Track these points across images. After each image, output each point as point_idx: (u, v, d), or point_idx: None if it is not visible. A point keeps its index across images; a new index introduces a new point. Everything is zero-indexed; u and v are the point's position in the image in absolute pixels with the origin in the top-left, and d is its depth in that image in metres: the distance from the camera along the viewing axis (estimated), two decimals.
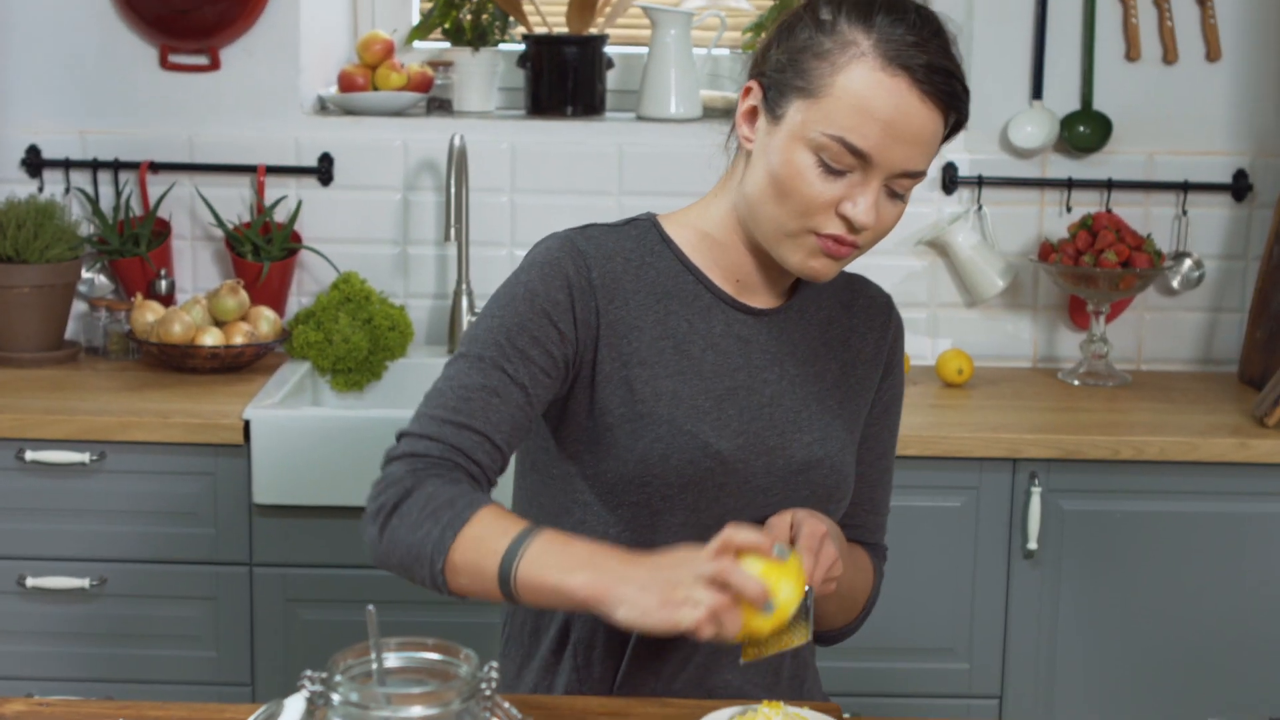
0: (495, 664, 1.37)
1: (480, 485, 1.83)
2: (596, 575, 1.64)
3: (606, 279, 1.91)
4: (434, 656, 1.37)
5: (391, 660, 1.36)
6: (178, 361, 3.34)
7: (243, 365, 3.38)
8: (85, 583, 3.07)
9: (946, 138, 1.87)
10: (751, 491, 1.93)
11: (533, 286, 1.89)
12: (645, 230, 1.99)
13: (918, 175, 1.84)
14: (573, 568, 1.66)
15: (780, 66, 1.85)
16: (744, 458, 1.91)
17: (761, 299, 1.99)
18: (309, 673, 1.31)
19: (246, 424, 3.02)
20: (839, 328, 2.03)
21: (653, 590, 1.60)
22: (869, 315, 2.06)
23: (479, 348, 1.86)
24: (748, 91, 1.90)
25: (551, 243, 1.94)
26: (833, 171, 1.81)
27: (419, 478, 1.78)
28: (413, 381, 3.49)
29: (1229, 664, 3.13)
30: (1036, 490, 3.06)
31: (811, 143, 1.81)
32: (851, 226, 1.82)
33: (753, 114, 1.89)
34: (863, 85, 1.78)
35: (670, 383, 1.91)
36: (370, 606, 1.34)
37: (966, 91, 1.84)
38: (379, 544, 1.78)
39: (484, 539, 1.71)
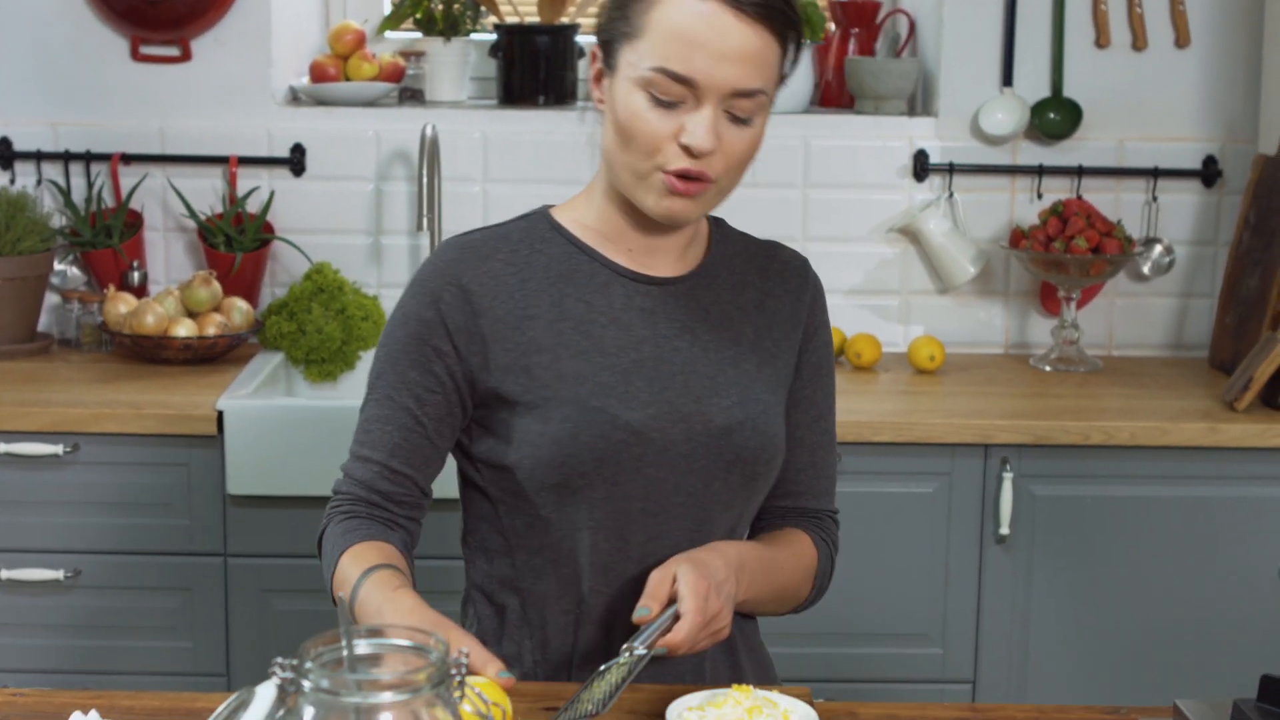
0: (465, 649, 1.37)
1: (381, 510, 1.95)
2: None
3: (484, 279, 1.94)
4: (404, 643, 1.37)
5: (362, 647, 1.36)
6: (151, 353, 3.34)
7: (216, 356, 3.38)
8: (60, 574, 3.07)
9: (789, 60, 1.89)
10: (674, 459, 1.93)
11: (406, 311, 1.96)
12: (535, 221, 2.01)
13: (754, 94, 1.84)
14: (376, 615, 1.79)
15: (610, 20, 1.90)
16: (659, 426, 1.92)
17: (665, 267, 2.00)
18: (280, 659, 1.31)
19: (220, 415, 3.03)
20: (754, 291, 2.04)
21: None
22: (785, 278, 2.06)
23: (373, 380, 1.98)
24: (594, 57, 1.93)
25: (427, 260, 1.99)
26: (664, 104, 1.83)
27: (331, 516, 1.99)
28: None
29: (1199, 647, 3.15)
30: (1008, 476, 3.07)
31: (641, 80, 1.84)
32: (693, 154, 1.83)
33: (600, 76, 1.93)
34: (677, 13, 1.82)
35: (573, 363, 1.92)
36: (341, 594, 1.34)
37: (788, 4, 1.86)
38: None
39: (346, 570, 1.88)
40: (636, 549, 1.94)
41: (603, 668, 1.75)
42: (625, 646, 1.76)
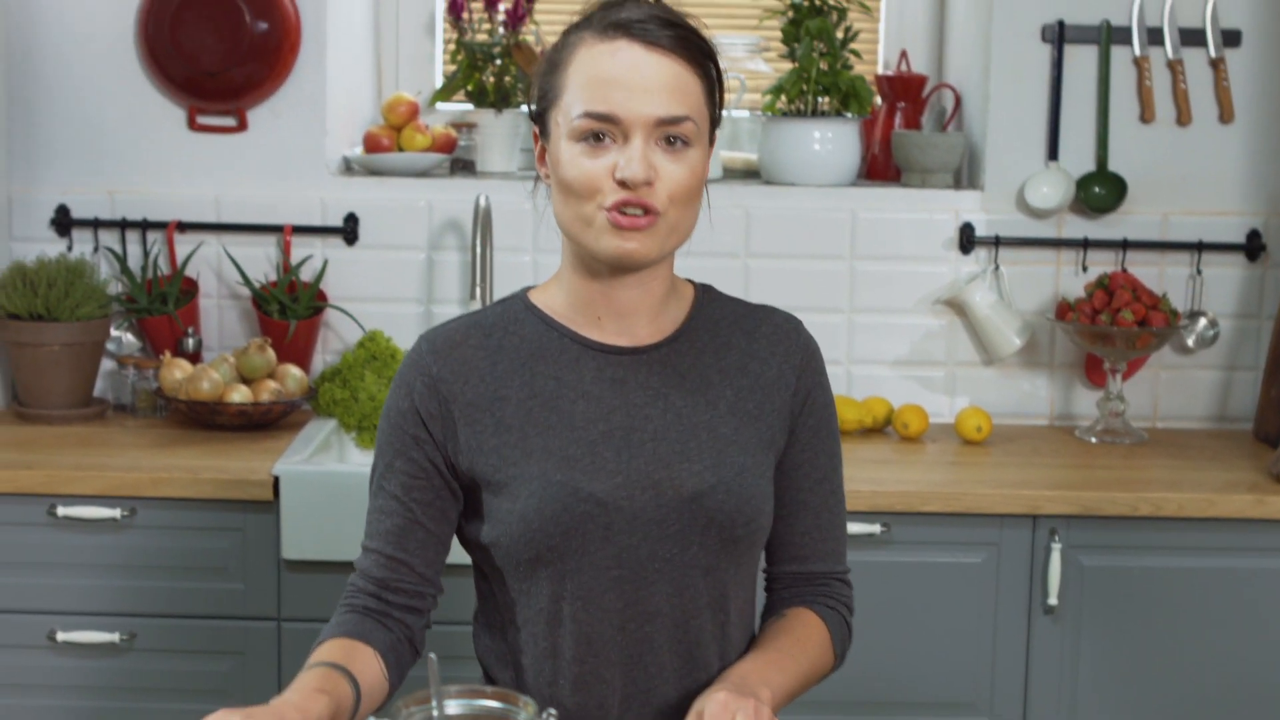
0: (553, 711, 1.39)
1: (379, 602, 1.99)
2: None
3: (454, 365, 1.98)
4: (493, 704, 1.40)
5: (452, 707, 1.39)
6: (206, 418, 3.38)
7: (270, 422, 3.42)
8: (115, 637, 3.09)
9: (712, 84, 1.93)
10: (645, 526, 1.94)
11: (387, 405, 2.03)
12: (511, 303, 2.05)
13: (680, 121, 1.87)
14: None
15: (539, 95, 1.96)
16: (626, 495, 1.94)
17: (639, 334, 2.01)
18: (372, 717, 1.34)
19: (276, 480, 3.06)
20: (737, 353, 2.04)
21: None
22: (773, 340, 2.06)
23: (371, 473, 2.04)
24: (536, 138, 1.99)
25: (405, 355, 2.04)
26: (596, 145, 1.87)
27: (335, 613, 2.01)
28: None
29: (1249, 718, 3.15)
30: (1056, 546, 3.09)
31: (570, 133, 1.88)
32: (629, 186, 1.86)
33: (543, 154, 1.98)
34: (589, 61, 1.88)
35: (540, 440, 1.95)
36: (432, 655, 1.37)
37: (699, 35, 1.91)
38: None
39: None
40: (616, 616, 1.95)
41: None
42: None
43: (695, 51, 1.90)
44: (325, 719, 1.74)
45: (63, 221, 3.63)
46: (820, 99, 3.63)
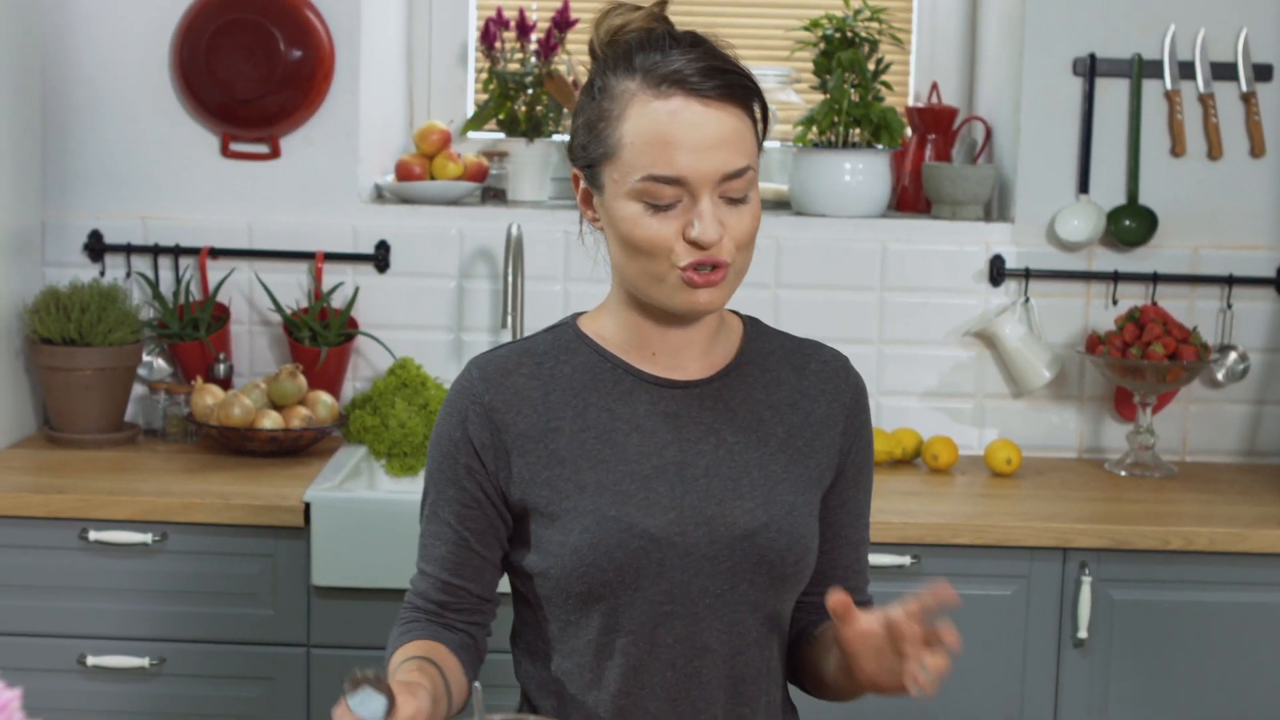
0: None
1: (439, 616, 2.03)
2: None
3: (506, 394, 1.98)
4: None
5: None
6: (237, 444, 3.39)
7: (301, 449, 3.43)
8: (145, 662, 3.10)
9: (761, 125, 1.91)
10: (697, 562, 1.94)
11: (438, 432, 2.02)
12: (561, 331, 2.04)
13: (742, 172, 1.86)
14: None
15: (584, 145, 1.93)
16: (679, 531, 1.93)
17: (691, 368, 2.01)
18: None
19: (307, 506, 3.07)
20: (787, 390, 2.04)
21: None
22: (822, 378, 2.05)
23: (423, 497, 2.06)
24: (576, 180, 1.97)
25: (455, 381, 2.04)
26: (661, 209, 1.85)
27: (396, 624, 2.06)
28: None
29: None
30: (1086, 580, 3.08)
31: (631, 193, 1.85)
32: (703, 246, 1.85)
33: (588, 196, 1.95)
34: (647, 120, 1.85)
35: (593, 473, 1.95)
36: (476, 683, 1.38)
37: (745, 76, 1.88)
38: None
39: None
40: (666, 650, 1.95)
41: None
42: None
43: (743, 94, 1.88)
44: (426, 709, 1.75)
45: (96, 247, 3.65)
46: (851, 130, 3.64)
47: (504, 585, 2.04)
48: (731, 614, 1.96)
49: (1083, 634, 3.10)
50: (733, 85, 1.86)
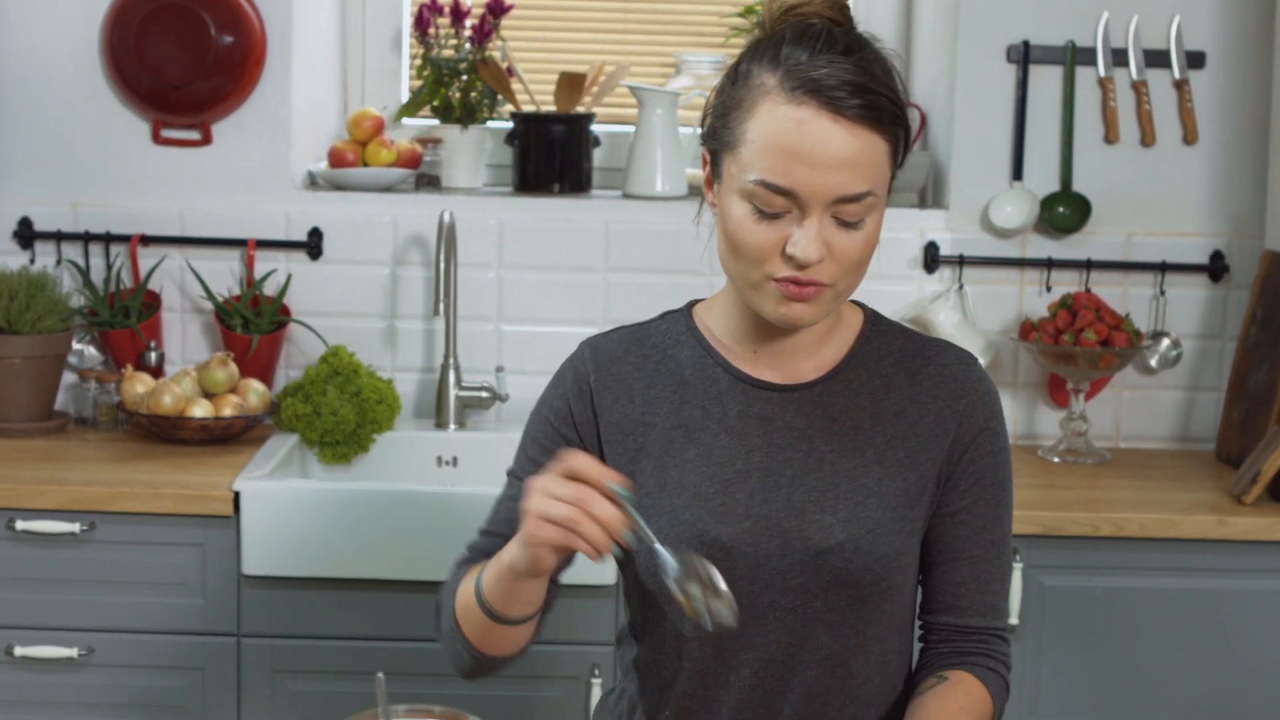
0: None
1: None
2: (514, 544, 1.80)
3: (609, 380, 1.96)
4: None
5: None
6: (167, 433, 3.36)
7: (232, 437, 3.41)
8: (74, 652, 3.07)
9: (898, 144, 1.82)
10: (767, 575, 1.89)
11: (543, 400, 2.01)
12: (675, 321, 2.00)
13: (862, 198, 1.77)
14: (504, 553, 1.83)
15: (713, 130, 1.86)
16: (751, 542, 1.88)
17: (795, 370, 1.95)
18: None
19: (236, 495, 3.04)
20: (896, 397, 1.95)
21: (523, 528, 1.74)
22: (938, 383, 1.96)
23: (512, 464, 2.03)
24: (705, 161, 1.90)
25: (570, 356, 2.02)
26: (768, 216, 1.78)
27: (449, 584, 1.99)
28: (399, 454, 3.51)
29: None
30: (1018, 566, 3.08)
31: (743, 192, 1.78)
32: (799, 265, 1.78)
33: (710, 181, 1.89)
34: (770, 123, 1.76)
35: (676, 473, 1.91)
36: (380, 674, 1.37)
37: (893, 100, 1.78)
38: (442, 649, 1.97)
39: (465, 582, 1.93)
40: (733, 658, 1.92)
41: None
42: None
43: (886, 118, 1.77)
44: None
45: (25, 234, 3.62)
46: None
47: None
48: (802, 629, 1.91)
49: (1014, 620, 3.10)
50: (874, 108, 1.75)
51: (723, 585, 1.72)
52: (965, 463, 1.95)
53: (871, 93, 1.75)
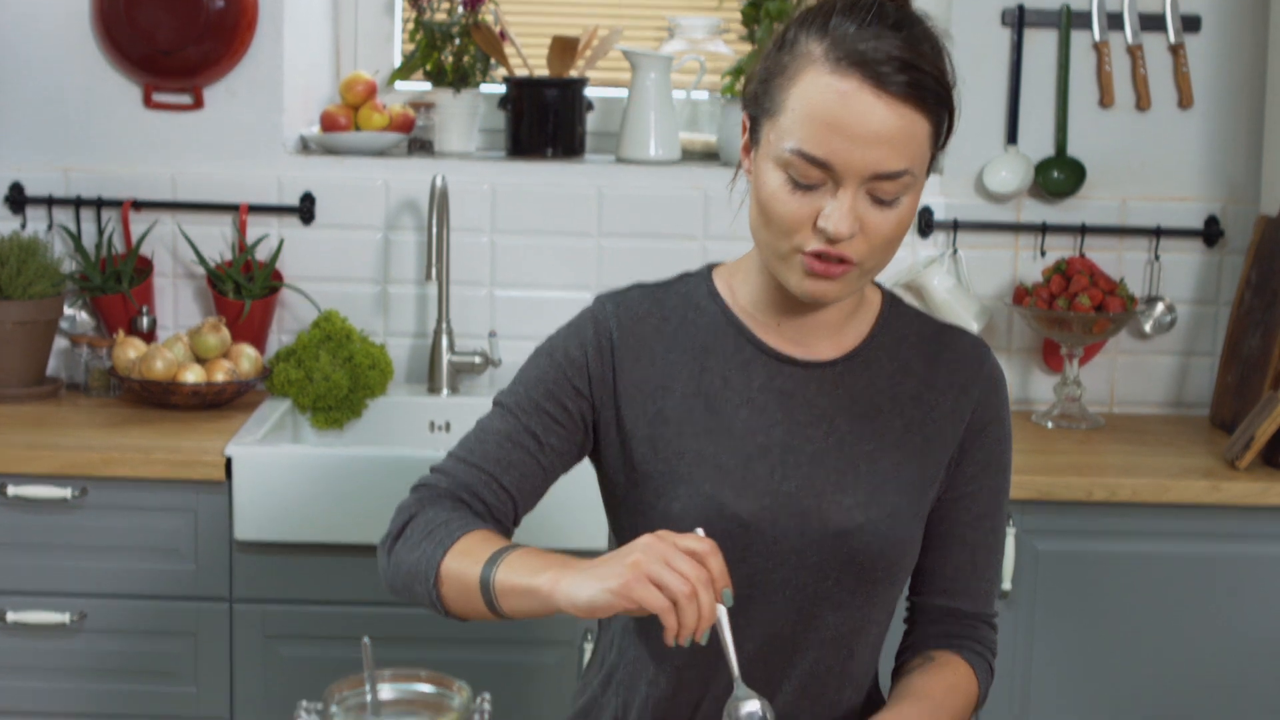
0: (488, 695, 1.38)
1: (483, 520, 1.87)
2: (562, 571, 1.65)
3: (631, 340, 1.92)
4: (427, 688, 1.38)
5: (385, 692, 1.37)
6: (159, 398, 3.35)
7: (224, 402, 3.40)
8: (66, 618, 3.07)
9: (941, 123, 1.79)
10: (783, 553, 1.88)
11: (556, 344, 1.95)
12: (695, 284, 1.97)
13: (899, 176, 1.74)
14: (542, 569, 1.68)
15: (755, 95, 1.83)
16: (770, 519, 1.87)
17: (818, 346, 1.93)
18: (305, 703, 1.32)
19: (228, 461, 3.04)
20: (914, 381, 1.94)
21: (615, 574, 1.60)
22: (953, 370, 1.95)
23: (506, 397, 1.94)
24: (744, 128, 1.87)
25: (590, 305, 1.97)
26: (802, 187, 1.75)
27: (423, 505, 1.86)
28: (392, 419, 3.50)
29: (1201, 703, 3.16)
30: (1011, 531, 3.08)
31: (779, 160, 1.77)
32: (829, 239, 1.76)
33: (748, 148, 1.86)
34: (812, 92, 1.74)
35: (696, 442, 1.89)
36: (365, 639, 1.36)
37: (939, 80, 1.75)
38: (386, 568, 1.85)
39: (470, 552, 1.76)
40: (736, 633, 1.85)
41: None
42: None
43: (930, 98, 1.74)
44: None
45: (16, 199, 3.60)
46: None
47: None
48: (810, 608, 1.90)
49: (1007, 586, 3.09)
50: (919, 86, 1.72)
51: None
52: (974, 450, 1.96)
53: (918, 70, 1.72)
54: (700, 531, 1.67)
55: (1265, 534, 3.12)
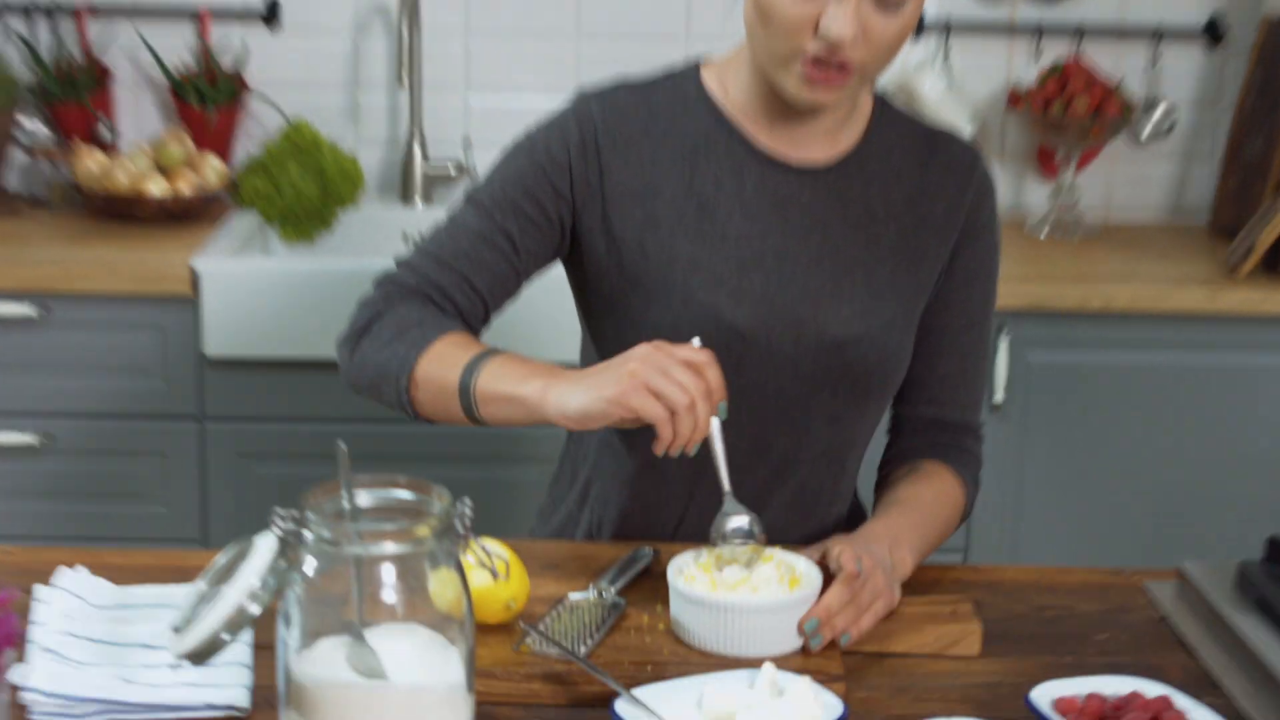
0: (468, 500, 1.31)
1: (453, 322, 1.83)
2: (551, 379, 1.65)
3: (618, 140, 1.85)
4: (406, 494, 1.31)
5: (363, 498, 1.30)
6: (123, 211, 3.24)
7: (190, 215, 3.29)
8: (33, 439, 3.00)
9: None
10: (778, 364, 1.84)
11: (536, 141, 1.87)
12: (682, 82, 1.90)
13: None
14: (528, 376, 1.68)
15: None
16: (766, 328, 1.82)
17: (812, 150, 1.87)
18: (280, 510, 1.25)
19: (195, 274, 2.94)
20: (907, 186, 1.90)
21: (611, 382, 1.60)
22: (945, 175, 1.91)
23: (480, 193, 1.87)
24: None
25: (570, 101, 1.88)
26: None
27: (391, 302, 1.82)
28: (364, 231, 3.41)
29: (1197, 515, 3.13)
30: (1004, 342, 3.01)
31: None
32: (831, 42, 1.70)
33: None
34: None
35: (689, 247, 1.83)
36: (341, 443, 1.28)
37: None
38: (350, 365, 1.82)
39: (447, 355, 1.74)
40: (726, 446, 1.79)
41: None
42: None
43: None
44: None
45: None
46: None
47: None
48: (803, 420, 1.87)
49: (999, 397, 3.04)
50: None
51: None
52: (965, 256, 1.93)
53: None
54: (697, 342, 1.66)
55: (1265, 343, 3.07)
